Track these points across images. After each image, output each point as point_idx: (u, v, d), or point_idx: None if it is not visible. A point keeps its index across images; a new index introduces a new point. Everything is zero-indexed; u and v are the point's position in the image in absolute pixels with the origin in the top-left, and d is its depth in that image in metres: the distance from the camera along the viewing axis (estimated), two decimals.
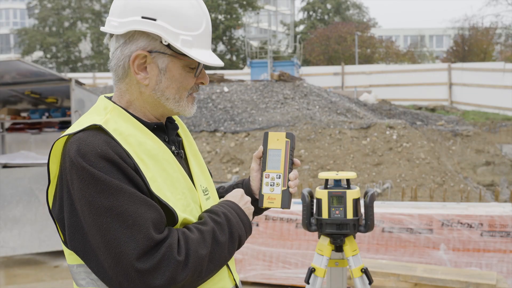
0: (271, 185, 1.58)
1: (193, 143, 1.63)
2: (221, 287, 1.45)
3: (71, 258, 1.36)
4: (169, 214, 1.32)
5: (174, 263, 1.23)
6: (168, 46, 1.37)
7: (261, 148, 1.64)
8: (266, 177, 1.60)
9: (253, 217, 1.57)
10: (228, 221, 1.40)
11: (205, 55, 1.40)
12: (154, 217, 1.25)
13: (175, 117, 1.59)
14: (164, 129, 1.47)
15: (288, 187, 1.57)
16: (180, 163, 1.44)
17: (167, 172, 1.36)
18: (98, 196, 1.22)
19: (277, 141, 1.61)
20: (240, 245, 1.45)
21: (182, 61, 1.40)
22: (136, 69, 1.38)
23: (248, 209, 1.52)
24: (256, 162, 1.66)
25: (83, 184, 1.23)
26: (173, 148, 1.47)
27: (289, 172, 1.58)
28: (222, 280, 1.46)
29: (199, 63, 1.42)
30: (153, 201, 1.28)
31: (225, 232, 1.38)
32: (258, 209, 1.65)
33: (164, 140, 1.44)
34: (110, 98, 1.45)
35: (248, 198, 1.55)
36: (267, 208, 1.63)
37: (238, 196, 1.53)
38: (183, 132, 1.60)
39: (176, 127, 1.53)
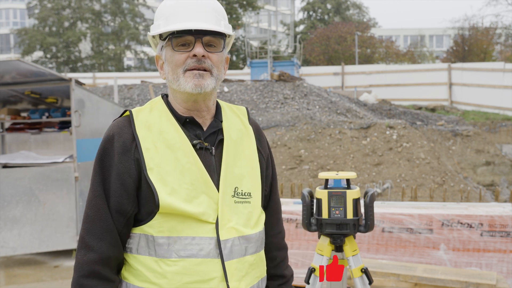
0: None
1: (248, 147, 1.63)
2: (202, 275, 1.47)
3: None
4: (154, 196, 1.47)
5: None
6: (160, 38, 1.57)
7: None
8: None
9: None
10: None
11: (175, 26, 1.49)
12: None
13: (229, 119, 1.66)
14: (197, 123, 1.56)
15: None
16: (204, 158, 1.52)
17: (179, 161, 1.48)
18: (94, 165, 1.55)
19: None
20: None
21: (169, 44, 1.53)
22: (159, 69, 1.61)
23: None
24: None
25: None
26: (195, 141, 1.53)
27: None
28: (205, 273, 1.48)
29: (173, 36, 1.51)
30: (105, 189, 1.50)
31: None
32: None
33: (193, 134, 1.54)
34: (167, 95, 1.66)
35: None
36: None
37: None
38: (239, 136, 1.62)
39: (218, 126, 1.60)
